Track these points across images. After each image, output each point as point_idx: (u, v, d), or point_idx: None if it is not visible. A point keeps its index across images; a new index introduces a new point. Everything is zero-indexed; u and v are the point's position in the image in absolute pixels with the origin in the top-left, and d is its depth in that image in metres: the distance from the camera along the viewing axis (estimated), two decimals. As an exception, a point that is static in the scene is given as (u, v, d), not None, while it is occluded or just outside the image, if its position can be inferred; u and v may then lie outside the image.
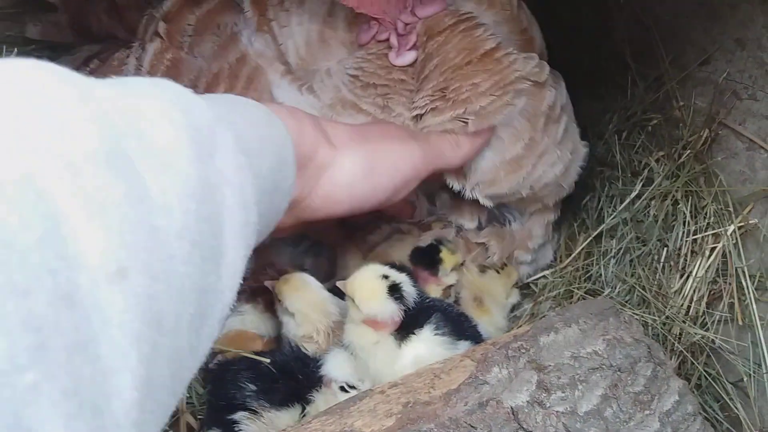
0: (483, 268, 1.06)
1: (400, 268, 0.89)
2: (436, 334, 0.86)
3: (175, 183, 0.41)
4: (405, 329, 0.85)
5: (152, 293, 0.36)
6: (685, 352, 0.97)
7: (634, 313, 1.01)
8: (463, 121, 0.87)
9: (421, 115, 0.89)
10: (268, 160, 0.59)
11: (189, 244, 0.41)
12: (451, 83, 0.87)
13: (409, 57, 0.90)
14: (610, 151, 1.29)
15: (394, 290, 0.84)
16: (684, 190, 1.10)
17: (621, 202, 1.17)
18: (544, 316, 0.82)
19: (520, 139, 0.92)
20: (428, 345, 0.85)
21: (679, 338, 0.98)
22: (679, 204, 1.10)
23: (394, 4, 0.87)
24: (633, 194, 1.16)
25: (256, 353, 0.85)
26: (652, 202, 1.14)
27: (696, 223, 1.06)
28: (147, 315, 0.35)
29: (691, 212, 1.08)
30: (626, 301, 1.05)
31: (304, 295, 0.90)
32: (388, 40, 0.91)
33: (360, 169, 0.74)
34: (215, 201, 0.46)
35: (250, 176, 0.52)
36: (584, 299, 1.04)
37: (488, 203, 0.98)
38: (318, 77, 0.95)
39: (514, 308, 1.13)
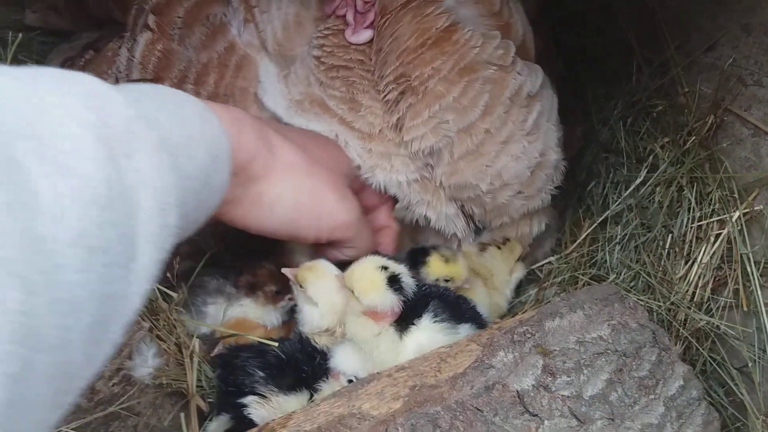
0: (483, 246, 1.06)
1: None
2: (435, 322, 0.86)
3: (74, 188, 0.39)
4: (404, 320, 0.85)
5: (27, 309, 0.34)
6: (690, 337, 0.98)
7: (639, 299, 1.01)
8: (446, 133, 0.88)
9: (402, 124, 0.88)
10: (198, 159, 0.58)
11: (85, 251, 0.39)
12: (409, 68, 0.86)
13: (364, 35, 0.89)
14: (615, 137, 1.29)
15: (393, 281, 0.84)
16: (689, 176, 1.10)
17: (626, 189, 1.17)
18: (549, 302, 0.82)
19: (482, 116, 0.89)
20: (429, 333, 0.85)
21: (684, 324, 0.98)
22: (684, 190, 1.10)
23: None
24: (638, 180, 1.16)
25: (264, 341, 0.85)
26: (657, 189, 1.14)
27: (701, 210, 1.06)
28: (18, 333, 0.33)
29: (696, 198, 1.08)
30: (631, 287, 1.05)
31: (328, 283, 0.88)
32: (345, 17, 0.90)
33: (288, 200, 0.75)
34: (127, 204, 0.44)
35: (173, 176, 0.50)
36: (589, 285, 1.04)
37: (457, 196, 0.97)
38: (293, 67, 0.94)
39: (520, 288, 1.12)
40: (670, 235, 1.08)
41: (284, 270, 0.90)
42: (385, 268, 0.85)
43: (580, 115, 1.29)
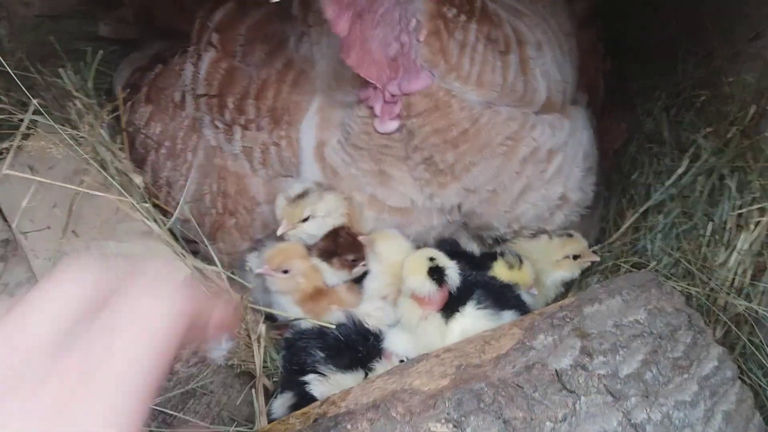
0: (535, 234, 1.11)
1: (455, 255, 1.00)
2: (478, 308, 0.96)
3: None
4: (450, 307, 0.95)
5: None
6: (729, 322, 1.01)
7: (679, 285, 1.05)
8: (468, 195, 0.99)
9: (431, 193, 1.00)
10: None
11: None
12: (438, 154, 0.95)
13: (391, 126, 0.95)
14: (659, 127, 1.32)
15: (435, 272, 0.94)
16: (731, 165, 1.13)
17: (668, 178, 1.21)
18: (589, 288, 0.88)
19: (496, 177, 0.99)
20: (472, 319, 0.95)
21: (724, 309, 1.02)
22: (725, 179, 1.13)
23: (387, 74, 0.91)
24: (680, 170, 1.19)
25: (324, 324, 0.94)
26: (699, 178, 1.17)
27: (742, 198, 1.09)
28: None
29: (737, 187, 1.11)
30: (671, 274, 1.09)
31: (394, 243, 1.02)
32: (374, 108, 0.95)
33: None
34: None
35: None
36: (630, 272, 1.09)
37: (478, 233, 1.09)
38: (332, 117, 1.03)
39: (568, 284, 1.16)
40: (711, 223, 1.11)
41: (361, 237, 1.03)
42: (432, 259, 0.93)
43: (624, 109, 1.32)
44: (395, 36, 0.88)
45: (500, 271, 1.05)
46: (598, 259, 1.15)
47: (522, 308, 0.99)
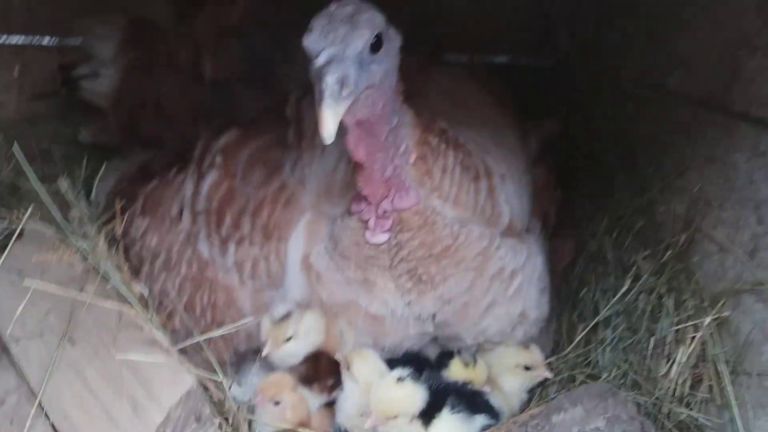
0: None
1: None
2: (452, 413, 1.07)
3: None
4: (427, 414, 1.06)
5: None
6: (673, 429, 1.13)
7: (628, 395, 1.17)
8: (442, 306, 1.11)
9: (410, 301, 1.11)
10: None
11: None
12: (421, 267, 1.07)
13: (382, 238, 1.06)
14: (603, 249, 1.48)
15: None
16: (667, 285, 1.28)
17: (613, 295, 1.35)
18: (554, 398, 0.99)
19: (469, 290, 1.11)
20: (448, 423, 1.06)
21: (668, 416, 1.14)
22: (663, 297, 1.28)
23: (381, 192, 1.03)
24: (623, 289, 1.33)
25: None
26: (641, 296, 1.32)
27: (678, 315, 1.23)
28: None
29: (674, 305, 1.25)
30: (621, 384, 1.21)
31: (369, 364, 1.11)
32: (367, 222, 1.06)
33: None
34: None
35: None
36: (585, 383, 1.20)
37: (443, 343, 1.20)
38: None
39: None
40: (653, 338, 1.25)
41: (337, 355, 1.11)
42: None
43: (570, 230, 1.47)
44: (391, 158, 0.99)
45: (456, 369, 1.16)
46: (550, 375, 1.24)
47: (491, 412, 1.09)
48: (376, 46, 0.85)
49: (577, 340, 1.32)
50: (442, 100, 1.25)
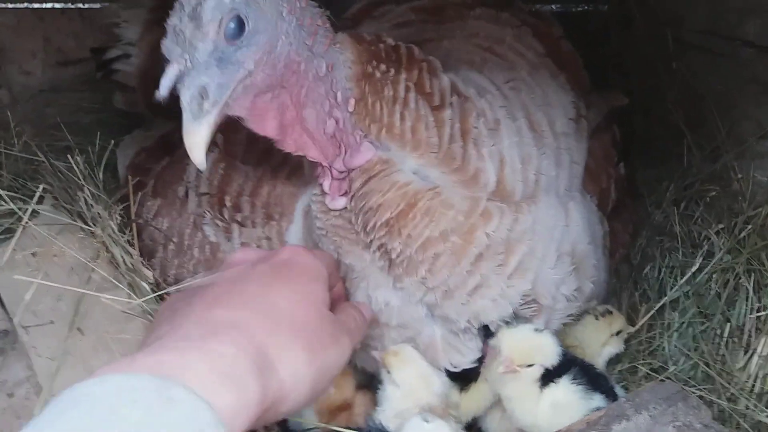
0: (578, 316, 1.09)
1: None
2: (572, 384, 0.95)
3: None
4: (546, 378, 0.96)
5: None
6: (750, 429, 0.99)
7: (698, 388, 1.03)
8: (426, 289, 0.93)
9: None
10: None
11: None
12: (386, 241, 0.90)
13: (340, 202, 0.92)
14: (669, 220, 1.32)
15: None
16: (746, 265, 1.12)
17: (682, 275, 1.20)
18: (615, 403, 0.85)
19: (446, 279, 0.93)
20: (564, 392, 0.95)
21: (744, 416, 1.00)
22: (741, 279, 1.12)
23: (331, 151, 0.89)
24: (694, 267, 1.18)
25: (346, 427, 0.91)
26: (714, 276, 1.16)
27: (759, 301, 1.08)
28: None
29: (754, 288, 1.10)
30: (690, 377, 1.07)
31: (412, 368, 0.96)
32: (323, 185, 0.93)
33: (309, 390, 0.72)
34: None
35: None
36: (648, 376, 1.07)
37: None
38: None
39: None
40: (728, 325, 1.10)
41: (374, 353, 0.98)
42: None
43: (631, 215, 1.31)
44: (327, 112, 0.85)
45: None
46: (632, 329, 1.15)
47: (612, 396, 0.97)
48: (236, 30, 0.72)
49: (640, 324, 1.18)
50: (465, 43, 1.09)
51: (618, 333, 1.12)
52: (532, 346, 0.96)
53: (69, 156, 1.19)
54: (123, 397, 0.53)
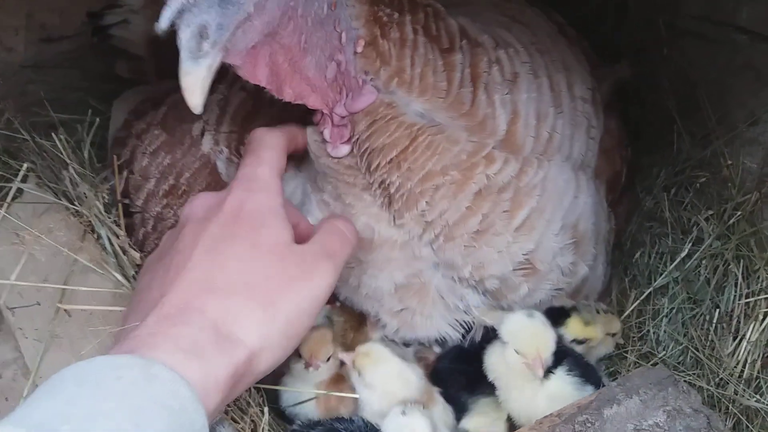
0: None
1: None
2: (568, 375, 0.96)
3: None
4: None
5: None
6: (739, 414, 1.00)
7: (687, 374, 1.04)
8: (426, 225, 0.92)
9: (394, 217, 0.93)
10: None
11: None
12: (387, 178, 0.89)
13: (343, 150, 0.90)
14: (659, 206, 1.32)
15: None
16: (735, 251, 1.13)
17: (671, 260, 1.20)
18: (606, 387, 0.86)
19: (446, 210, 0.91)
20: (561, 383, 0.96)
21: (733, 401, 1.01)
22: (730, 265, 1.13)
23: (332, 97, 0.87)
24: (683, 254, 1.18)
25: (335, 419, 0.89)
26: (703, 262, 1.16)
27: (748, 287, 1.08)
28: None
29: (743, 274, 1.10)
30: (680, 362, 1.08)
31: (385, 367, 0.93)
32: (323, 133, 0.91)
33: (283, 340, 0.73)
34: None
35: None
36: (637, 362, 1.08)
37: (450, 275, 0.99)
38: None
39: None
40: (717, 310, 1.10)
41: (340, 355, 0.95)
42: None
43: (628, 193, 1.31)
44: (328, 57, 0.83)
45: (575, 323, 1.05)
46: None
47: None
48: None
49: (629, 309, 1.18)
50: (490, 11, 1.07)
51: (613, 335, 1.12)
52: (537, 335, 0.95)
53: (53, 134, 1.16)
54: (109, 373, 0.57)
